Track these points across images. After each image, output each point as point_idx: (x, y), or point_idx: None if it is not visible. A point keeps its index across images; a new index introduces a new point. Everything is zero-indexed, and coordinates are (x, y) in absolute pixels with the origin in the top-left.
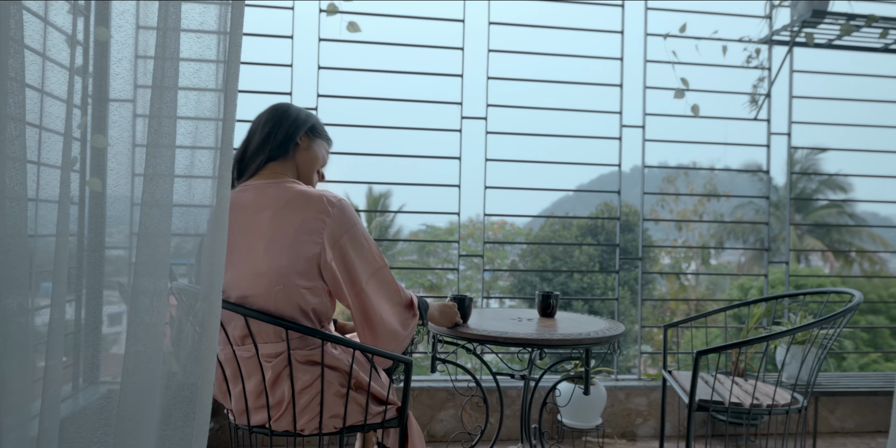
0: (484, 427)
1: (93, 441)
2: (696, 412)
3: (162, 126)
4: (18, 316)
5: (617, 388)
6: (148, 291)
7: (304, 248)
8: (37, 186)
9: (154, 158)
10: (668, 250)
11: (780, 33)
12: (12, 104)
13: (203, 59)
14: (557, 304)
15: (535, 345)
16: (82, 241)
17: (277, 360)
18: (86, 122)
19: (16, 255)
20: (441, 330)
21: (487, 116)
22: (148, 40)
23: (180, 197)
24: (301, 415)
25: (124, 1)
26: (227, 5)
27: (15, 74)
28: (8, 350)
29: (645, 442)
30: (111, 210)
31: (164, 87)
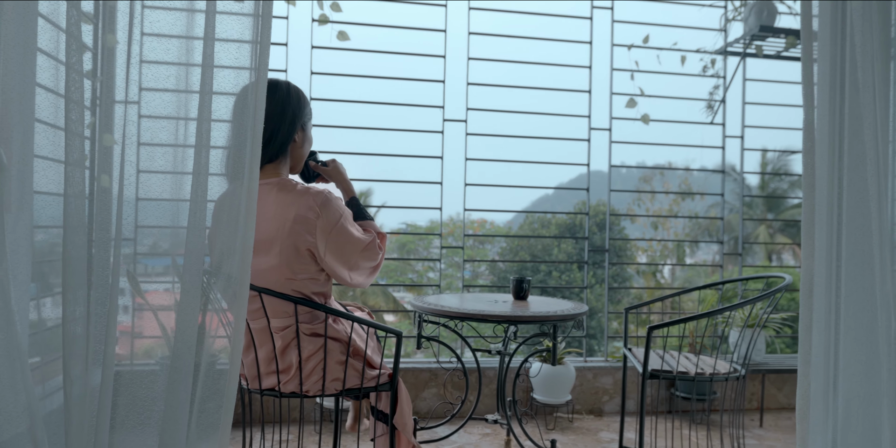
0: (464, 398)
1: (144, 397)
2: (670, 401)
3: (203, 130)
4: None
5: (585, 369)
6: (191, 282)
7: (300, 245)
8: (89, 184)
9: (200, 157)
10: (644, 249)
11: (733, 45)
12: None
13: (241, 67)
14: (529, 288)
15: (510, 321)
16: (98, 234)
17: (286, 332)
18: (121, 118)
19: (101, 245)
20: (425, 309)
21: (467, 119)
22: (170, 48)
23: (214, 193)
24: (307, 379)
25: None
26: (257, 18)
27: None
28: (91, 320)
29: (610, 417)
30: (147, 206)
31: (204, 92)
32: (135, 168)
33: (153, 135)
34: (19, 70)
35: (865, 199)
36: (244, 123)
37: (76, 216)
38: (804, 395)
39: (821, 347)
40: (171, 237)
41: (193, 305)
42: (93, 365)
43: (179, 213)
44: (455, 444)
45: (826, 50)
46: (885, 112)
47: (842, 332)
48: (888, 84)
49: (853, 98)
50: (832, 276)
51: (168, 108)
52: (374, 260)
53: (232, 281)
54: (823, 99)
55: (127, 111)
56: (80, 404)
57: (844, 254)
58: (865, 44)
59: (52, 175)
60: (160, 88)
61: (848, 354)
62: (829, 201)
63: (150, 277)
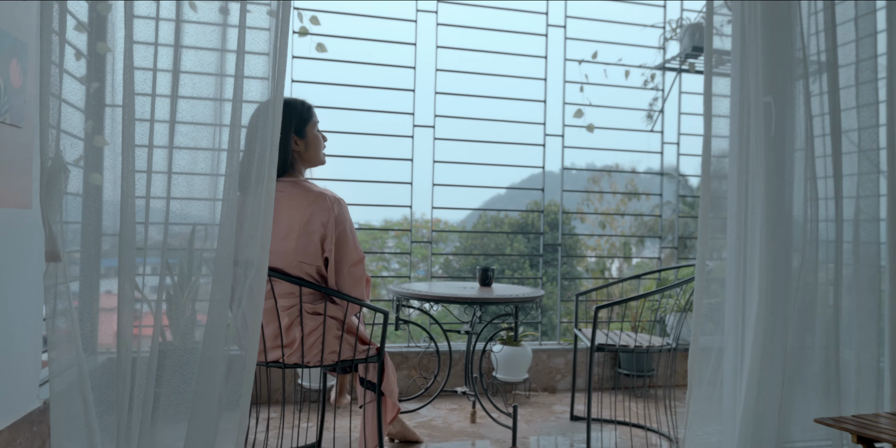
0: (436, 374)
1: (182, 371)
2: (615, 379)
3: (234, 135)
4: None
5: (541, 351)
6: (223, 270)
7: (313, 236)
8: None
9: (232, 161)
10: (593, 247)
11: (670, 62)
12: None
13: (260, 77)
14: (493, 276)
15: (479, 302)
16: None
17: (290, 311)
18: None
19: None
20: (403, 294)
21: (435, 125)
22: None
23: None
24: (308, 352)
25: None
26: (274, 31)
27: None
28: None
29: (563, 393)
30: (174, 204)
31: (236, 99)
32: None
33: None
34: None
35: (770, 199)
36: (265, 132)
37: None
38: (694, 363)
39: (731, 326)
40: (205, 233)
41: (224, 296)
42: (143, 337)
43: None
44: (425, 417)
45: (737, 66)
46: (782, 122)
47: (750, 313)
48: (793, 99)
49: (756, 113)
50: (741, 266)
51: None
52: (359, 283)
53: (249, 269)
54: (734, 111)
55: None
56: (129, 368)
57: (751, 247)
58: (766, 64)
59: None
60: (200, 96)
61: (756, 334)
62: (738, 202)
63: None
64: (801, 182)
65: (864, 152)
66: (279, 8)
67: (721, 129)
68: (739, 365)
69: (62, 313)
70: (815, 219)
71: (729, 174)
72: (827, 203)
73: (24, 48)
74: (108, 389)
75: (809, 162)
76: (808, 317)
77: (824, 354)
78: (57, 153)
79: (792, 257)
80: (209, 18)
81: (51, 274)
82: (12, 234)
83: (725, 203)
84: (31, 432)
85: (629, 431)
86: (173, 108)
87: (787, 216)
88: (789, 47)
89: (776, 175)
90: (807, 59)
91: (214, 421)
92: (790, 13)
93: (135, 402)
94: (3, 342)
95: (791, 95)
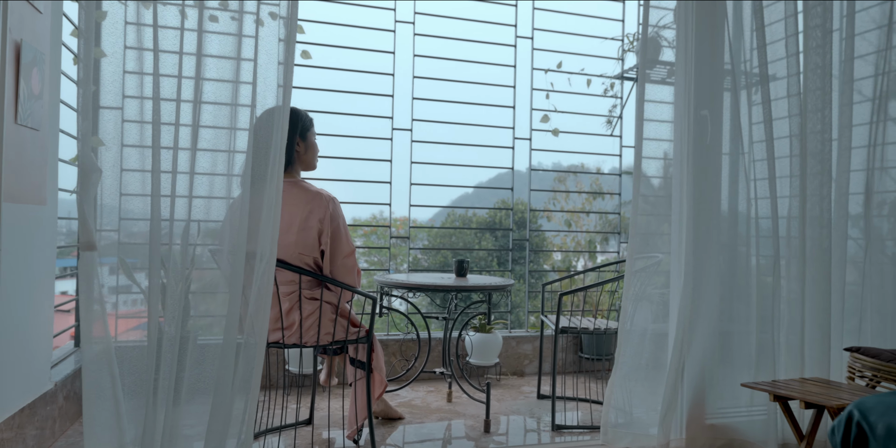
0: (416, 357)
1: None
2: (578, 363)
3: (259, 140)
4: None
5: (510, 338)
6: (238, 263)
7: (311, 231)
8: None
9: (258, 164)
10: (559, 246)
11: (628, 72)
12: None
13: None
14: (468, 268)
15: (454, 290)
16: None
17: (290, 296)
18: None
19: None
20: (388, 283)
21: (412, 128)
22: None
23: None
24: (306, 333)
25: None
26: (282, 42)
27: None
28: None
29: (530, 377)
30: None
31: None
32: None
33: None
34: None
35: (709, 200)
36: (277, 135)
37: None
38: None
39: (675, 313)
40: (219, 229)
41: (237, 291)
42: (172, 321)
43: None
44: (405, 398)
45: (681, 76)
46: (717, 127)
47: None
48: (722, 110)
49: (699, 121)
50: (681, 258)
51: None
52: (351, 272)
53: (262, 261)
54: (680, 116)
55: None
56: (160, 348)
57: (693, 240)
58: (704, 73)
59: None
60: (217, 102)
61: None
62: (679, 201)
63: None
64: (735, 183)
65: (793, 157)
66: (290, 25)
67: (662, 134)
68: (678, 347)
69: (95, 299)
70: (756, 216)
71: (674, 175)
72: (761, 202)
73: (42, 58)
74: (134, 371)
75: (742, 165)
76: (743, 302)
77: (758, 337)
78: (90, 156)
79: (726, 252)
80: (228, 29)
81: (86, 262)
82: (29, 227)
83: (656, 200)
84: (45, 411)
85: (589, 407)
86: (196, 112)
87: (717, 214)
88: (720, 61)
89: (703, 177)
90: (735, 72)
91: (230, 402)
92: (721, 30)
93: (160, 383)
94: (19, 327)
95: (721, 106)
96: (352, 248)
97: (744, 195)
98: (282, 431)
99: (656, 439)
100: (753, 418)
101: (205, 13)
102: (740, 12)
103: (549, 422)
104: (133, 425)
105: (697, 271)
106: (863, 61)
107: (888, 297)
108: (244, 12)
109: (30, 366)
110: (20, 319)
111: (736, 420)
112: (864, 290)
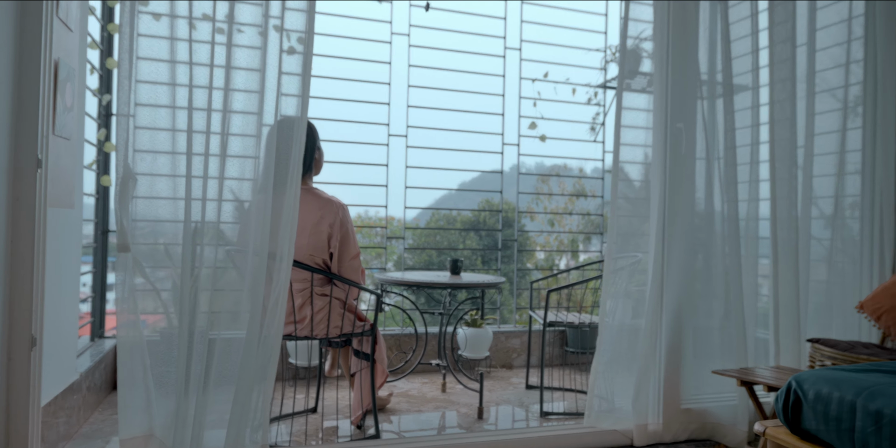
0: (414, 349)
1: (236, 347)
2: (563, 356)
3: (281, 150)
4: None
5: (500, 333)
6: (260, 261)
7: (321, 235)
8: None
9: (280, 172)
10: (542, 245)
11: (611, 81)
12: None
13: (291, 95)
14: (462, 266)
15: (451, 286)
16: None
17: (303, 293)
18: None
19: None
20: (387, 281)
21: (408, 135)
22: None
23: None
24: (316, 327)
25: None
26: (301, 55)
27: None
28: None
29: (518, 369)
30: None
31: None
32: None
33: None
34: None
35: (685, 201)
36: (293, 143)
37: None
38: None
39: (651, 308)
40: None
41: (259, 289)
42: (189, 317)
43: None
44: (402, 388)
45: (659, 86)
46: (692, 134)
47: (665, 298)
48: (696, 120)
49: (674, 132)
50: (661, 257)
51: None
52: (356, 272)
53: (282, 261)
54: (657, 124)
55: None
56: (189, 342)
57: (669, 241)
58: (680, 83)
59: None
60: (245, 111)
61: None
62: (660, 203)
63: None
64: (711, 186)
65: (756, 164)
66: (307, 40)
67: (642, 139)
68: (656, 340)
69: (128, 296)
70: (726, 218)
71: (651, 179)
72: (734, 205)
73: (73, 73)
74: (163, 358)
75: (717, 170)
76: (717, 299)
77: (731, 331)
78: (126, 165)
79: (702, 252)
80: (252, 43)
81: (121, 262)
82: (60, 229)
83: (636, 202)
84: (72, 400)
85: (574, 396)
86: (225, 122)
87: (691, 216)
88: (695, 72)
89: (678, 181)
90: (701, 83)
91: (250, 389)
92: (695, 43)
93: (193, 369)
94: (52, 321)
95: (695, 115)
96: (358, 250)
97: (718, 198)
98: (294, 418)
99: (631, 421)
100: (725, 403)
101: (233, 27)
102: (716, 26)
103: (537, 409)
104: (162, 411)
105: (669, 269)
106: (826, 73)
107: (849, 293)
108: (271, 28)
109: (62, 357)
110: (56, 315)
111: (709, 405)
112: (829, 288)
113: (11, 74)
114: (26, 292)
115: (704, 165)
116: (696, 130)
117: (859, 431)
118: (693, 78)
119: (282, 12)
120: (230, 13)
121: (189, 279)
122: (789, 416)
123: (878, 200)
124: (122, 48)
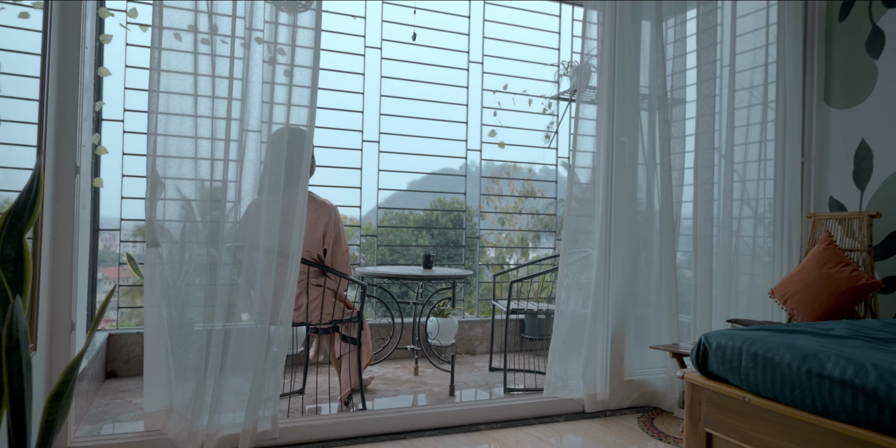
0: (391, 335)
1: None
2: (521, 342)
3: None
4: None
5: (464, 322)
6: (270, 258)
7: (317, 233)
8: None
9: (291, 175)
10: (493, 243)
11: (564, 94)
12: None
13: (301, 105)
14: (434, 261)
15: (424, 279)
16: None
17: (300, 284)
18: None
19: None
20: (367, 274)
21: (380, 140)
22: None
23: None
24: (311, 314)
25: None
26: (309, 69)
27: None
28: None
29: (481, 355)
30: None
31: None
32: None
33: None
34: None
35: (624, 203)
36: (303, 151)
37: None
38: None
39: (599, 297)
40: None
41: (270, 284)
42: (220, 307)
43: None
44: (378, 373)
45: (603, 98)
46: (634, 143)
47: (611, 287)
48: (638, 131)
49: (619, 145)
50: (606, 252)
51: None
52: (346, 266)
53: (293, 258)
54: (601, 134)
55: (243, 136)
56: (209, 334)
57: (613, 237)
58: (623, 96)
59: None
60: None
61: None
62: (605, 203)
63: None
64: (651, 190)
65: (686, 169)
66: (315, 53)
67: (591, 146)
68: (603, 325)
69: (156, 286)
70: (660, 217)
71: (597, 182)
72: (669, 206)
73: (89, 85)
74: (186, 346)
75: (656, 174)
76: (653, 288)
77: (661, 315)
78: (154, 170)
79: (643, 248)
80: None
81: (151, 257)
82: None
83: (585, 203)
84: (81, 386)
85: (534, 377)
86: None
87: (632, 216)
88: (635, 86)
89: (620, 185)
90: (645, 96)
91: (262, 372)
92: (636, 60)
93: (211, 352)
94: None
95: (637, 126)
96: (347, 247)
97: (657, 199)
98: (286, 398)
99: (583, 392)
100: (660, 375)
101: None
102: (655, 45)
103: (501, 388)
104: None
105: (614, 264)
106: (745, 92)
107: (768, 283)
108: (273, 43)
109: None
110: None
111: (648, 377)
112: (752, 279)
113: (56, 91)
114: (66, 283)
115: (645, 170)
116: (637, 139)
117: (744, 368)
118: (634, 91)
119: (292, 38)
120: (247, 28)
121: (204, 276)
122: (699, 363)
123: (788, 204)
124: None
